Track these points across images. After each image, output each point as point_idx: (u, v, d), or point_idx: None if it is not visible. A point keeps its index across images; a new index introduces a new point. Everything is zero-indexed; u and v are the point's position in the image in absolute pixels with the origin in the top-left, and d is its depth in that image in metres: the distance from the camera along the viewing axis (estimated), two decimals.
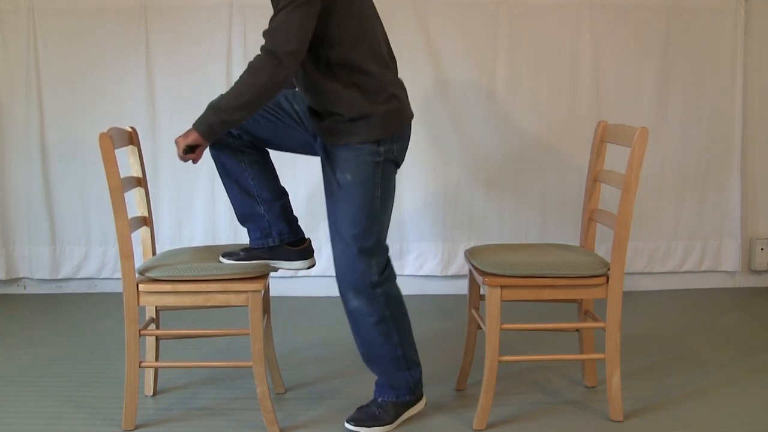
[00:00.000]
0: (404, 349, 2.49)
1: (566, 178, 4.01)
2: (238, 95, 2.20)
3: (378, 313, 2.41)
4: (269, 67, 2.18)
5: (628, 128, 2.52)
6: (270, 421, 2.49)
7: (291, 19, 2.17)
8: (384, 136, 2.35)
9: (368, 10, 2.36)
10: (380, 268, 2.40)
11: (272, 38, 2.19)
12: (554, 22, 3.95)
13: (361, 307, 2.41)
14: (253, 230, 2.52)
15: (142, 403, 2.71)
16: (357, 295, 2.39)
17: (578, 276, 2.48)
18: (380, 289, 2.40)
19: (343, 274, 2.40)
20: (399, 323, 2.46)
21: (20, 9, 3.88)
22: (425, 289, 4.15)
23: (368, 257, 2.38)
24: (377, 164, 2.37)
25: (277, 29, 2.18)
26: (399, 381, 2.51)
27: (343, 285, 2.41)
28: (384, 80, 2.35)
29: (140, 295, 2.44)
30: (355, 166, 2.34)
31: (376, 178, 2.37)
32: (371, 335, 2.45)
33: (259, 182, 2.48)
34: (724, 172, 4.10)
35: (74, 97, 3.94)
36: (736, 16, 3.98)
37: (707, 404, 2.71)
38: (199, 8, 3.90)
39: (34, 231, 4.05)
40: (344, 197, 2.37)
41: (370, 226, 2.37)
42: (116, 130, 2.52)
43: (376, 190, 2.38)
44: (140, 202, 2.73)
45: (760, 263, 4.21)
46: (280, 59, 2.17)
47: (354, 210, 2.36)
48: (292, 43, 2.17)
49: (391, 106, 2.36)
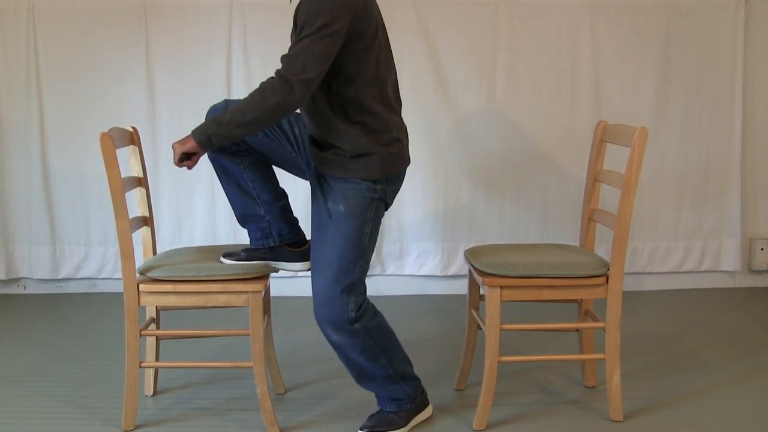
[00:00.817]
0: (394, 367, 2.46)
1: (566, 178, 4.01)
2: (243, 113, 2.18)
3: (360, 345, 2.38)
4: (280, 92, 2.15)
5: (627, 128, 2.52)
6: (270, 422, 2.49)
7: (312, 48, 2.14)
8: (381, 176, 2.34)
9: (386, 51, 2.35)
10: (357, 305, 2.35)
11: (289, 64, 2.16)
12: (554, 22, 3.95)
13: (343, 341, 2.38)
14: (253, 231, 2.52)
15: (142, 403, 2.71)
16: (336, 331, 2.36)
17: (578, 276, 2.48)
18: (358, 324, 2.35)
19: (320, 308, 2.35)
20: (384, 347, 2.43)
21: (20, 9, 3.88)
22: (425, 289, 4.15)
23: (348, 294, 2.33)
24: (372, 200, 2.35)
25: (296, 56, 2.15)
26: (397, 393, 2.50)
27: (321, 320, 2.36)
28: (389, 123, 2.34)
29: (141, 295, 2.44)
30: (351, 198, 2.32)
31: (369, 214, 2.35)
32: (358, 361, 2.43)
33: (258, 184, 2.48)
34: (724, 172, 4.10)
35: (74, 97, 3.94)
36: (736, 15, 3.98)
37: (707, 404, 2.71)
38: (199, 8, 3.90)
39: (34, 231, 4.05)
40: (333, 228, 2.33)
41: (355, 262, 2.33)
42: (117, 130, 2.52)
43: (367, 226, 2.35)
44: (141, 202, 2.73)
45: (760, 263, 4.21)
46: (293, 86, 2.14)
47: (342, 243, 2.32)
48: (307, 72, 2.14)
49: (392, 149, 2.34)
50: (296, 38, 2.19)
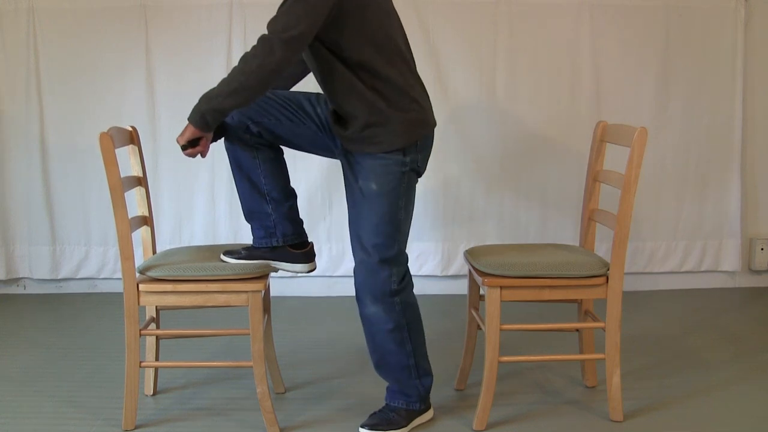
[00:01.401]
0: (417, 358, 2.47)
1: (566, 178, 4.01)
2: (229, 82, 2.18)
3: (394, 321, 2.40)
4: (261, 53, 2.15)
5: (627, 128, 2.52)
6: (270, 421, 2.49)
7: (295, 8, 2.14)
8: (406, 144, 2.33)
9: (386, 9, 2.33)
10: (400, 276, 2.39)
11: (271, 25, 2.17)
12: (554, 22, 3.95)
13: (378, 314, 2.39)
14: (257, 229, 2.51)
15: (142, 403, 2.71)
16: (375, 302, 2.38)
17: (578, 276, 2.48)
18: (398, 297, 2.39)
19: (363, 282, 2.39)
20: (413, 331, 2.45)
21: (20, 9, 3.88)
22: (425, 289, 4.15)
23: (389, 266, 2.36)
24: (403, 174, 2.36)
25: (278, 17, 2.16)
26: (410, 388, 2.50)
27: (362, 292, 2.39)
28: (405, 85, 2.33)
29: (141, 295, 2.44)
30: (381, 175, 2.32)
31: (401, 188, 2.36)
32: (385, 342, 2.43)
33: (270, 180, 2.47)
34: (724, 172, 4.10)
35: (74, 97, 3.94)
36: (736, 16, 3.98)
37: (707, 404, 2.71)
38: (199, 8, 3.90)
39: (34, 231, 4.05)
40: (368, 206, 2.35)
41: (393, 236, 2.36)
42: (116, 129, 2.52)
43: (401, 200, 2.37)
44: (140, 202, 2.73)
45: (760, 263, 4.21)
46: (272, 45, 2.14)
47: (378, 220, 2.34)
48: (289, 30, 2.13)
49: (412, 115, 2.34)
50: (281, 5, 2.19)
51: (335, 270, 4.09)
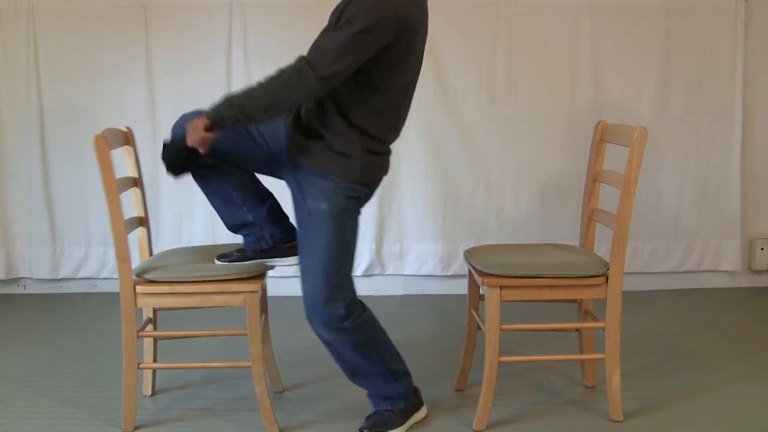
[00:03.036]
0: (386, 363, 2.45)
1: (566, 177, 4.01)
2: (256, 97, 2.14)
3: (351, 341, 2.37)
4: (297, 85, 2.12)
5: (627, 128, 2.52)
6: (269, 421, 2.49)
7: (346, 47, 2.10)
8: (358, 181, 2.31)
9: (418, 62, 2.34)
10: (347, 302, 2.33)
11: (317, 54, 2.12)
12: (554, 22, 3.95)
13: (334, 339, 2.37)
14: (246, 236, 2.51)
15: (141, 403, 2.71)
16: (326, 329, 2.34)
17: (578, 276, 2.48)
18: (348, 321, 2.33)
19: (311, 308, 2.32)
20: (375, 343, 2.42)
21: (20, 9, 3.88)
22: (425, 289, 4.15)
23: (337, 292, 2.31)
24: (352, 199, 2.33)
25: (327, 49, 2.11)
26: (389, 391, 2.49)
27: (312, 319, 2.33)
28: (385, 144, 2.37)
29: (138, 297, 2.44)
30: (331, 196, 2.28)
31: (350, 212, 2.33)
32: (350, 358, 2.42)
33: (240, 191, 2.45)
34: (724, 172, 4.10)
35: (74, 97, 3.94)
36: (736, 16, 3.98)
37: (707, 404, 2.71)
38: (199, 8, 3.90)
39: (34, 231, 4.05)
40: (315, 227, 2.30)
41: (341, 260, 2.31)
42: (111, 131, 2.52)
43: (349, 223, 2.33)
44: (136, 203, 2.73)
45: (760, 263, 4.21)
46: (309, 80, 2.10)
47: (327, 242, 2.28)
48: (330, 68, 2.10)
49: (377, 159, 2.35)
50: (333, 30, 2.15)
51: None
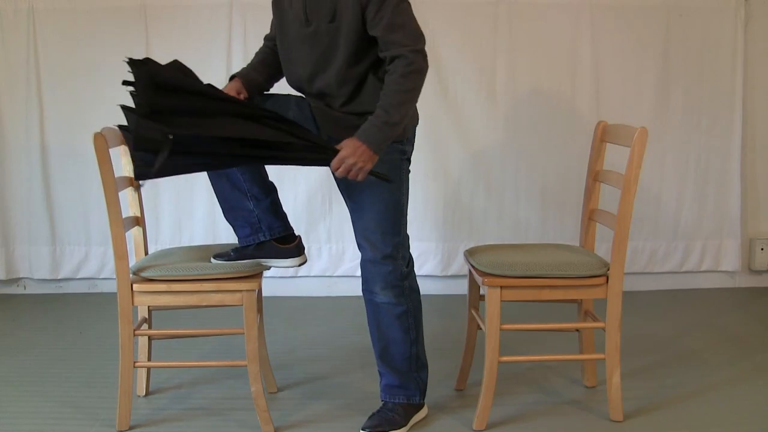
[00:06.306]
0: (418, 347, 2.52)
1: (566, 177, 4.01)
2: (404, 103, 2.27)
3: (403, 305, 2.46)
4: (424, 66, 2.27)
5: (627, 128, 2.52)
6: (264, 420, 2.49)
7: (410, 13, 2.31)
8: (405, 135, 2.42)
9: None
10: (407, 260, 2.47)
11: (409, 35, 2.28)
12: (554, 23, 3.95)
13: (388, 300, 2.44)
14: (241, 227, 2.50)
15: (137, 403, 2.71)
16: (385, 289, 2.43)
17: (578, 276, 2.48)
18: (407, 281, 2.47)
19: (372, 274, 2.43)
20: (417, 318, 2.52)
21: (20, 9, 3.88)
22: (425, 289, 4.07)
23: (399, 249, 2.42)
24: (402, 161, 2.42)
25: (407, 25, 2.28)
26: (409, 381, 2.52)
27: (372, 282, 2.44)
28: None
29: (135, 295, 2.44)
30: (385, 162, 2.34)
31: (402, 175, 2.43)
32: (391, 329, 2.47)
33: (248, 177, 2.46)
34: (724, 172, 4.10)
35: (74, 97, 3.94)
36: (736, 16, 3.98)
37: (707, 404, 2.71)
38: (199, 8, 3.90)
39: (34, 231, 4.05)
40: (370, 194, 2.38)
41: (399, 222, 2.42)
42: (110, 130, 2.53)
43: (403, 186, 2.43)
44: (132, 202, 2.74)
45: (760, 263, 4.21)
46: (423, 58, 2.27)
47: (384, 208, 2.39)
48: (421, 36, 2.30)
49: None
50: (385, 7, 2.25)
51: (335, 270, 4.09)
